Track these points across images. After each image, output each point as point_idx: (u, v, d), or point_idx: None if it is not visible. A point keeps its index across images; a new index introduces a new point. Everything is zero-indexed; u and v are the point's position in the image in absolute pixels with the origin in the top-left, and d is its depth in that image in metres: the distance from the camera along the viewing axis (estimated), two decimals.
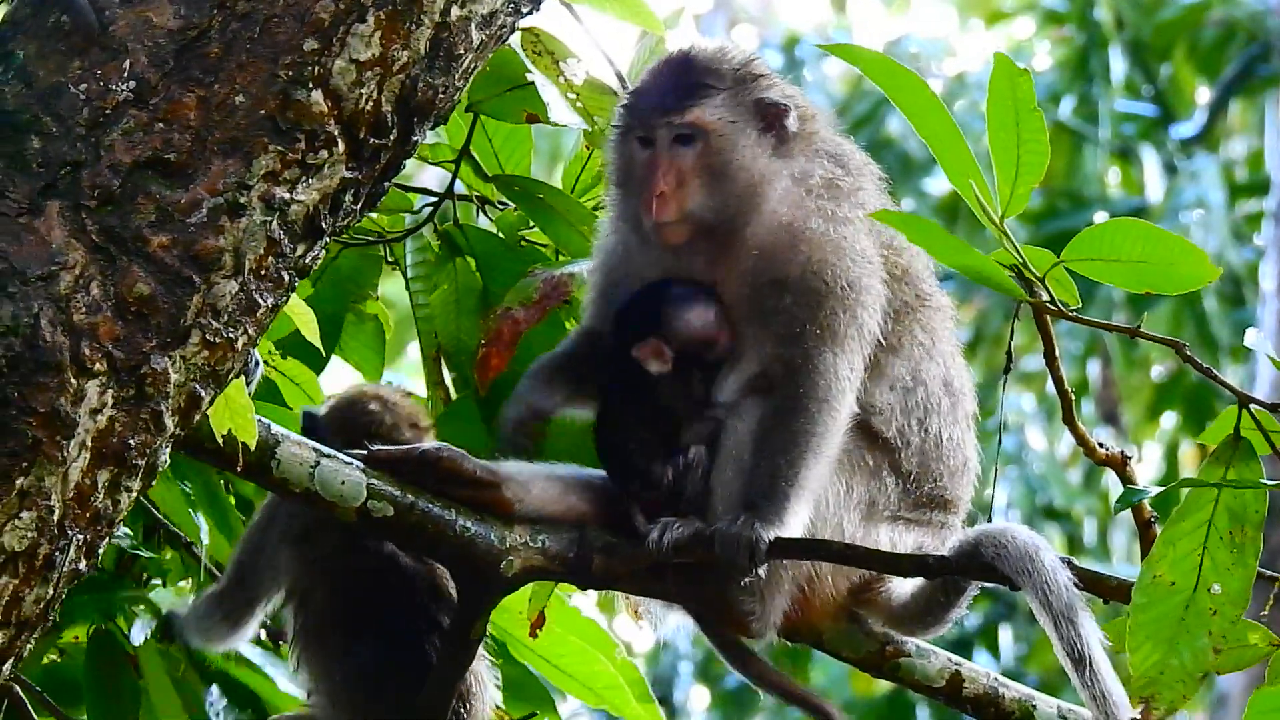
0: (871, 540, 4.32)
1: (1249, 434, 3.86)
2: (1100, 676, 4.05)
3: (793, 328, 4.25)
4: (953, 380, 4.48)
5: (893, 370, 4.39)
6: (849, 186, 4.39)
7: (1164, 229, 3.86)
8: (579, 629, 4.96)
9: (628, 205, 4.40)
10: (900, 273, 4.42)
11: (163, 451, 3.59)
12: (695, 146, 4.31)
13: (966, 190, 3.86)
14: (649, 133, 4.34)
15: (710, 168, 4.31)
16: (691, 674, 15.64)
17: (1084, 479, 14.96)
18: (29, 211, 3.44)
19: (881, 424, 4.37)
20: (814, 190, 4.35)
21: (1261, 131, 15.62)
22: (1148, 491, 3.93)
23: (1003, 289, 3.93)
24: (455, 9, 3.67)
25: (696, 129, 4.31)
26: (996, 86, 3.80)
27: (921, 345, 4.44)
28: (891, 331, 4.37)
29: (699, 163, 4.31)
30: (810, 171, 4.37)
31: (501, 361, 4.75)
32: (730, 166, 4.31)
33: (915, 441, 4.39)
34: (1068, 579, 4.13)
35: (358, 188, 3.68)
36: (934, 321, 4.48)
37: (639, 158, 4.36)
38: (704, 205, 4.31)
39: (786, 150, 4.36)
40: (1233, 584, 3.84)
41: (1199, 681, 3.87)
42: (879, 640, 4.46)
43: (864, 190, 4.42)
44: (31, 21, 3.55)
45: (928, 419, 4.41)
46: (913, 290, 4.44)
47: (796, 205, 4.33)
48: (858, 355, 4.28)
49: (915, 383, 4.41)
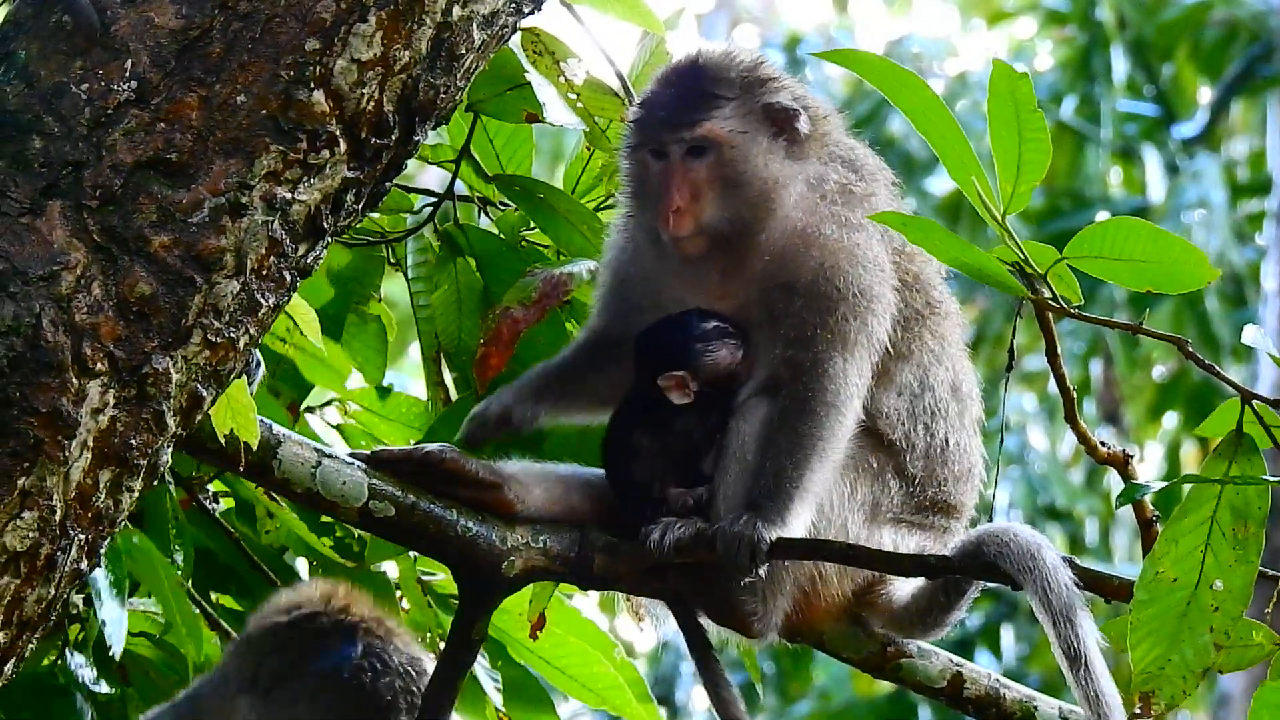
0: (875, 542, 4.31)
1: (1251, 430, 3.86)
2: (1095, 676, 4.05)
3: (803, 331, 4.25)
4: (960, 385, 4.48)
5: (901, 377, 4.39)
6: (862, 191, 4.38)
7: (1166, 229, 3.86)
8: (579, 630, 4.96)
9: (643, 216, 4.40)
10: (912, 279, 4.41)
11: (164, 451, 3.59)
12: (708, 158, 4.30)
13: (968, 188, 3.86)
14: (661, 146, 4.33)
15: (724, 178, 4.30)
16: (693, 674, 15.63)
17: (1086, 479, 14.95)
18: (31, 211, 3.44)
19: (887, 428, 4.37)
20: (828, 195, 4.34)
21: (1263, 131, 15.62)
22: (1150, 487, 3.92)
23: (1005, 286, 3.92)
24: (457, 9, 3.66)
25: (708, 141, 4.29)
26: (997, 89, 3.80)
27: (931, 352, 4.44)
28: (901, 339, 4.36)
29: (712, 174, 4.30)
30: (824, 176, 4.36)
31: (501, 361, 4.75)
32: (744, 175, 4.30)
33: (920, 445, 4.39)
34: (1068, 578, 4.13)
35: (359, 187, 3.68)
36: (943, 328, 4.48)
37: (653, 170, 4.34)
38: (719, 216, 4.30)
39: (800, 153, 4.35)
40: (1235, 581, 3.83)
41: (1200, 678, 3.86)
42: (880, 641, 4.46)
43: (877, 196, 4.41)
44: (33, 22, 3.55)
45: (934, 424, 4.40)
46: (923, 298, 4.43)
47: (810, 210, 4.32)
48: (866, 362, 4.27)
49: (923, 388, 4.41)
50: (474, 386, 4.85)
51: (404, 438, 5.03)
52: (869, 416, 4.32)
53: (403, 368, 11.80)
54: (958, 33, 18.43)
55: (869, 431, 4.34)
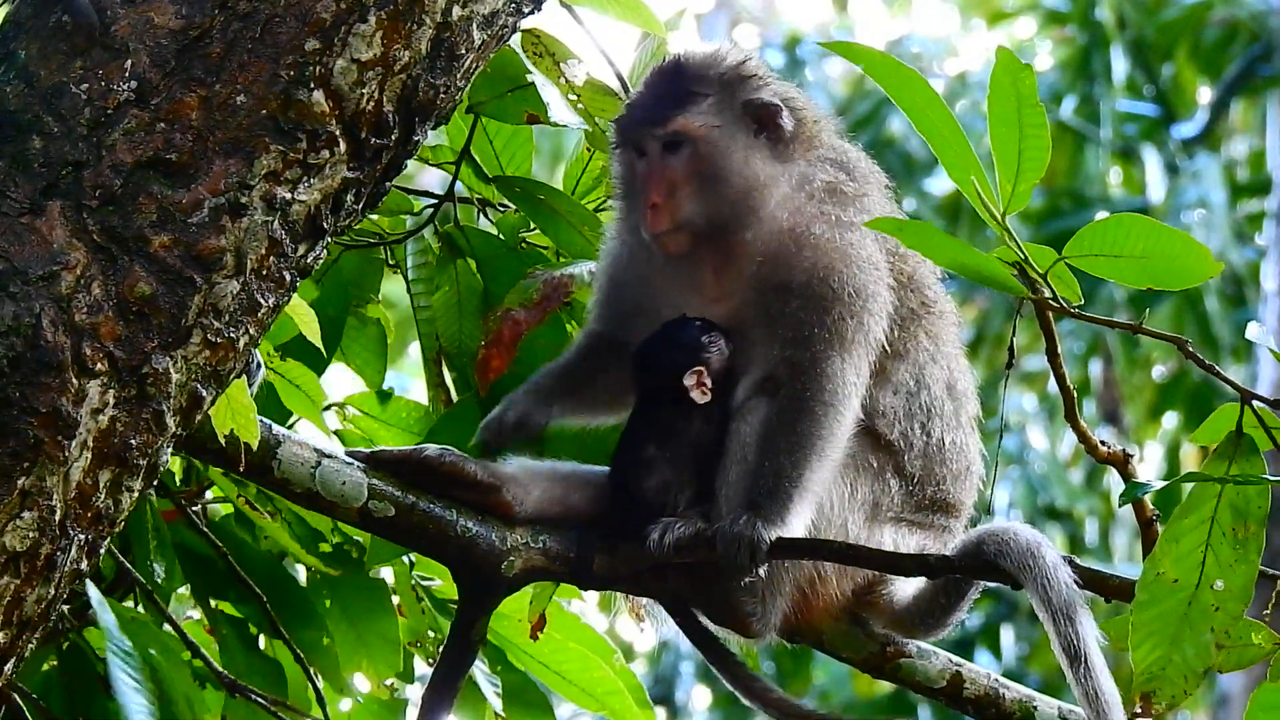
0: (875, 541, 4.32)
1: (1251, 431, 3.86)
2: (1095, 675, 4.06)
3: (800, 331, 4.25)
4: (956, 384, 4.49)
5: (897, 375, 4.39)
6: (854, 191, 4.39)
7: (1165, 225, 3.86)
8: (579, 635, 4.96)
9: (631, 218, 4.41)
10: (906, 279, 4.42)
11: (164, 451, 3.59)
12: (683, 154, 4.32)
13: (968, 186, 3.85)
14: (640, 143, 4.35)
15: (700, 174, 4.31)
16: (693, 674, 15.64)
17: (1086, 479, 14.95)
18: (31, 211, 3.44)
19: (885, 427, 4.37)
20: (816, 195, 4.34)
21: (1263, 131, 15.62)
22: (1150, 486, 3.92)
23: (1005, 287, 3.92)
24: (457, 9, 3.67)
25: (683, 136, 4.32)
26: (998, 81, 3.79)
27: (926, 350, 4.44)
28: (897, 338, 4.37)
29: (689, 170, 4.31)
30: (811, 176, 4.37)
31: (502, 363, 4.75)
32: (721, 170, 4.31)
33: (919, 444, 4.39)
34: (1069, 576, 4.14)
35: (359, 188, 3.68)
36: (938, 327, 4.49)
37: (637, 169, 4.37)
38: (697, 212, 4.31)
39: (785, 154, 4.36)
40: (1236, 580, 3.84)
41: (1201, 678, 3.87)
42: (880, 641, 4.46)
43: (869, 196, 4.41)
44: (33, 21, 3.55)
45: (930, 423, 4.41)
46: (918, 297, 4.44)
47: (798, 210, 4.32)
48: (864, 360, 4.28)
49: (919, 387, 4.41)
50: (474, 388, 4.85)
51: (404, 443, 5.02)
52: (867, 415, 4.33)
53: (404, 369, 11.80)
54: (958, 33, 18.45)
55: (868, 431, 4.35)
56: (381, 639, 4.89)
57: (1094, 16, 15.29)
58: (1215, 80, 15.72)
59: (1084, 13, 15.40)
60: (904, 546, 4.37)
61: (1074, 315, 3.99)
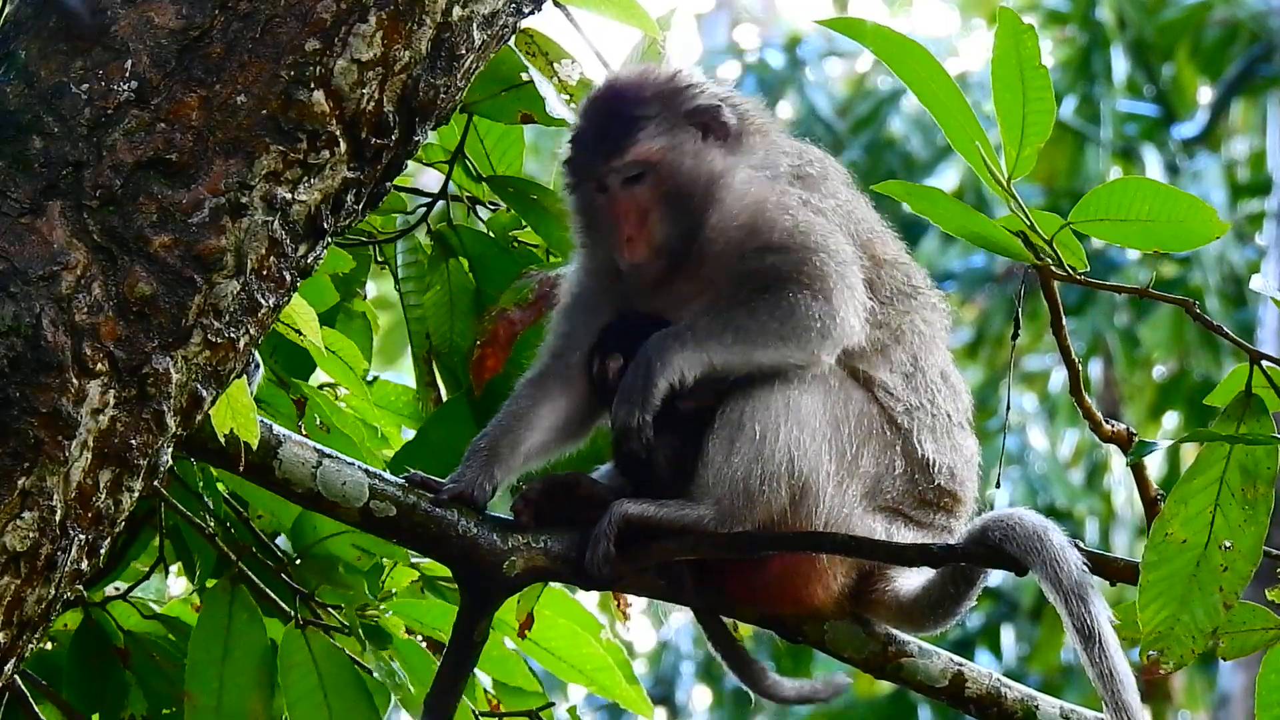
0: (870, 523, 4.30)
1: (1260, 391, 3.84)
2: (1109, 654, 4.03)
3: (780, 273, 4.26)
4: (949, 375, 4.50)
5: (895, 355, 4.40)
6: (817, 173, 4.42)
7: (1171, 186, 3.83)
8: (566, 611, 4.95)
9: (598, 251, 4.42)
10: (888, 259, 4.43)
11: (164, 451, 3.59)
12: (647, 181, 4.34)
13: (971, 153, 3.82)
14: (600, 179, 4.35)
15: (666, 195, 4.33)
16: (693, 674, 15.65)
17: (1086, 479, 14.96)
18: (31, 211, 3.45)
19: (890, 401, 4.36)
20: (780, 176, 4.38)
21: (1263, 132, 15.63)
22: (1156, 445, 3.89)
23: (1009, 253, 3.89)
24: (457, 9, 3.67)
25: (642, 165, 4.33)
26: (1001, 43, 3.76)
27: (920, 334, 4.44)
28: (889, 316, 4.37)
29: (654, 195, 4.33)
30: (772, 161, 4.40)
31: (498, 362, 4.76)
32: (684, 185, 4.33)
33: (926, 422, 4.38)
34: (1077, 558, 4.12)
35: (359, 188, 3.69)
36: (932, 318, 4.49)
37: (599, 204, 4.38)
38: (671, 234, 4.33)
39: (737, 146, 4.39)
40: (1245, 540, 3.82)
41: (1209, 637, 3.84)
42: (881, 641, 4.44)
43: (831, 180, 4.44)
44: (33, 22, 3.55)
45: (935, 403, 4.41)
46: (902, 274, 4.45)
47: (763, 184, 4.35)
48: (848, 306, 4.25)
49: (915, 369, 4.42)
50: (467, 387, 4.86)
51: (395, 424, 5.04)
52: (869, 386, 4.33)
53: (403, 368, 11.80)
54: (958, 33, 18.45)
55: (877, 402, 4.34)
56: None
57: (1094, 16, 15.30)
58: (1215, 80, 15.72)
59: (1084, 13, 15.41)
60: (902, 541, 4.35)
61: (1080, 282, 3.96)
